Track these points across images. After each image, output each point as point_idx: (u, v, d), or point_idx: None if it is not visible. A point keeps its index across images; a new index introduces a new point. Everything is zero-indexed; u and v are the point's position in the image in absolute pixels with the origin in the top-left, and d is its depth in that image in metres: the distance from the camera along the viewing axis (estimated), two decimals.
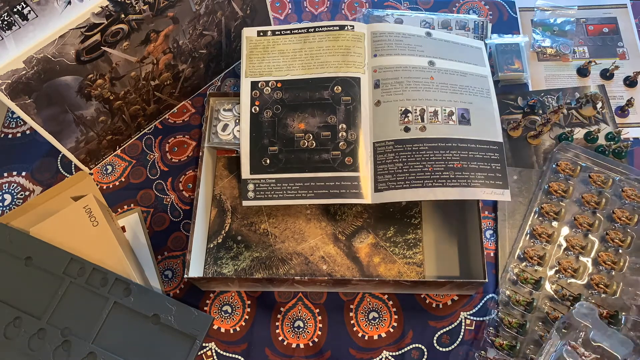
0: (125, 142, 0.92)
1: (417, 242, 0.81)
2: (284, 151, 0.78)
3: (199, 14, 0.82)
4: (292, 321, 0.79)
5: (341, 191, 0.76)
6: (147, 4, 0.73)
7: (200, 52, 0.89)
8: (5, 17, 0.64)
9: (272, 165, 0.78)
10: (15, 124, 0.95)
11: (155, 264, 0.83)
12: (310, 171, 0.77)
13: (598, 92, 0.93)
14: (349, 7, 1.05)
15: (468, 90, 0.78)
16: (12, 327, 0.74)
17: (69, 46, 0.69)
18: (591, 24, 1.01)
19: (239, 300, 0.81)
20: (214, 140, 0.83)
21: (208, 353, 0.78)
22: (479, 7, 1.03)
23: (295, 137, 0.78)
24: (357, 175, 0.76)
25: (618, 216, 0.82)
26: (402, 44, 0.80)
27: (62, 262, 0.77)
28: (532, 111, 0.92)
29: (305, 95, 0.79)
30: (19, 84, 0.68)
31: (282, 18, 1.04)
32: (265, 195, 0.78)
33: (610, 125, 0.91)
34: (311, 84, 0.79)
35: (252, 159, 0.79)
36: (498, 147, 0.76)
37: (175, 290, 0.82)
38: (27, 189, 0.90)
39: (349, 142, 0.77)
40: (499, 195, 0.73)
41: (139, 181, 0.90)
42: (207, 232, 0.83)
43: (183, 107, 0.95)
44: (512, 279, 0.80)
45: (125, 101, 0.84)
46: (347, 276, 0.80)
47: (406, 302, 0.80)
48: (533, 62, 0.97)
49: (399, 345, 0.77)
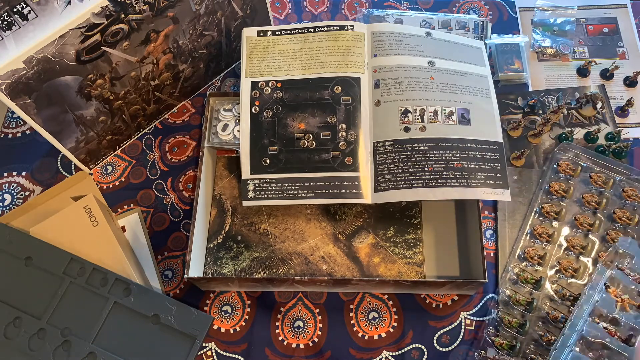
0: (125, 142, 0.92)
1: (417, 242, 0.81)
2: (284, 151, 0.78)
3: (199, 14, 0.82)
4: (292, 321, 0.79)
5: (341, 191, 0.76)
6: (147, 4, 0.73)
7: (200, 52, 0.89)
8: (5, 17, 0.64)
9: (272, 165, 0.78)
10: (15, 124, 0.95)
11: (155, 264, 0.83)
12: (310, 171, 0.77)
13: (598, 92, 0.93)
14: (349, 7, 1.05)
15: (468, 90, 0.78)
16: (12, 327, 0.74)
17: (69, 46, 0.70)
18: (591, 24, 1.01)
19: (239, 300, 0.81)
20: (214, 140, 0.83)
21: (208, 353, 0.78)
22: (479, 7, 1.03)
23: (295, 137, 0.78)
24: (357, 175, 0.76)
25: (619, 216, 0.82)
26: (402, 44, 0.80)
27: (62, 262, 0.77)
28: (532, 111, 0.92)
29: (305, 95, 0.79)
30: (19, 84, 0.68)
31: (282, 18, 1.04)
32: (265, 195, 0.78)
33: (610, 125, 0.91)
34: (311, 84, 0.79)
35: (252, 159, 0.79)
36: (498, 147, 0.76)
37: (175, 290, 0.82)
38: (27, 189, 0.90)
39: (349, 142, 0.77)
40: (499, 195, 0.73)
41: (139, 181, 0.90)
42: (207, 232, 0.83)
43: (183, 107, 0.95)
44: (512, 278, 0.80)
45: (125, 101, 0.84)
46: (347, 276, 0.80)
47: (406, 302, 0.80)
48: (533, 62, 0.97)
49: (399, 345, 0.77)
